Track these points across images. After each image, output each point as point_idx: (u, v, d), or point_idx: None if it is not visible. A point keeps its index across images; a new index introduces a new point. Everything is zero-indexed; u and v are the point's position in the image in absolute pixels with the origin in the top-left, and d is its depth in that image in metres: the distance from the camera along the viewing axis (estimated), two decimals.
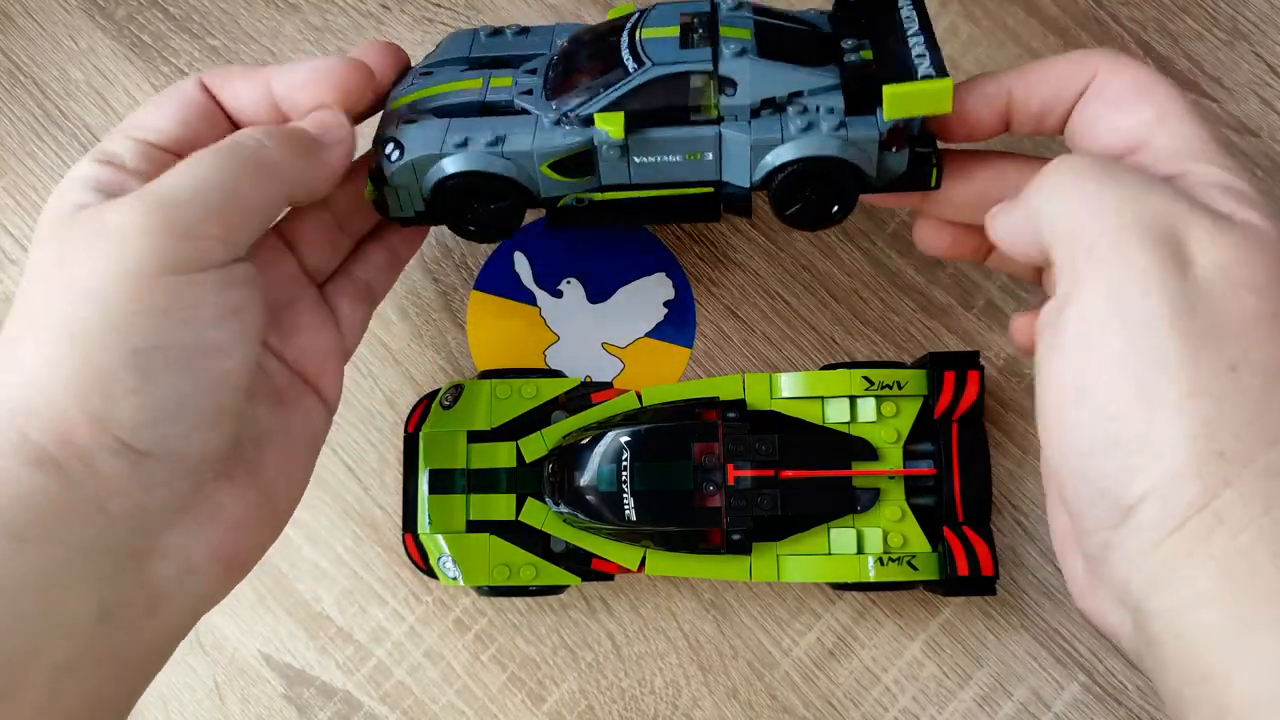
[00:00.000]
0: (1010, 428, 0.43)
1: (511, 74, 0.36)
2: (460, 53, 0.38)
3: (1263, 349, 0.26)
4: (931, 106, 0.31)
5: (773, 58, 0.33)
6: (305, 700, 0.42)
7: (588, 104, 0.33)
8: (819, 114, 0.32)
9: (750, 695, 0.42)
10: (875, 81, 0.31)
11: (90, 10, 0.47)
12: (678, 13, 0.35)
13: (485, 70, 0.36)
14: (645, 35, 0.34)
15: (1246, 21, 0.45)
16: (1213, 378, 0.26)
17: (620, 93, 0.33)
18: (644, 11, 0.35)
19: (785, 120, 0.33)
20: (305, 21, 0.47)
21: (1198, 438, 0.25)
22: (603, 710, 0.42)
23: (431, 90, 0.36)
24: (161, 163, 0.32)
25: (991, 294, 0.44)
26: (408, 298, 0.45)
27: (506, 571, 0.39)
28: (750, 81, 0.32)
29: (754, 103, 0.33)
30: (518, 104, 0.34)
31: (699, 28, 0.33)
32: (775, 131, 0.33)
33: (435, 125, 0.34)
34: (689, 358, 0.44)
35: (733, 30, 0.33)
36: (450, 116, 0.34)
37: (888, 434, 0.39)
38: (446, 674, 0.42)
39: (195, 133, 0.33)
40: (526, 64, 0.36)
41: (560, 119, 0.33)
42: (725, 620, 0.42)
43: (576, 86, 0.34)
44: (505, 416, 0.41)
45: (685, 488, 0.38)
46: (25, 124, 0.47)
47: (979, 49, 0.46)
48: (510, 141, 0.33)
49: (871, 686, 0.42)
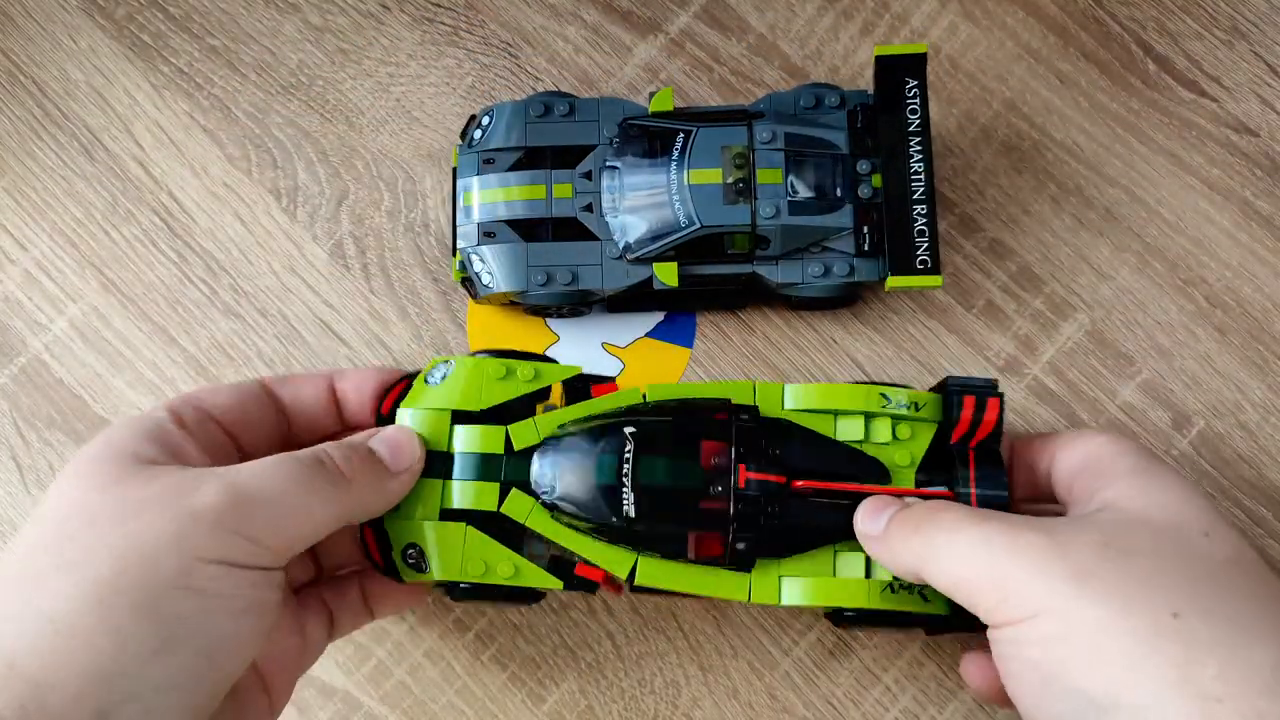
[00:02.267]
0: (1009, 426, 0.43)
1: (570, 179, 0.42)
2: (514, 133, 0.42)
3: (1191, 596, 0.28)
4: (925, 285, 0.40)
5: (799, 213, 0.40)
6: (305, 700, 0.42)
7: (646, 248, 0.41)
8: (834, 256, 0.41)
9: (750, 695, 0.42)
10: (881, 229, 0.40)
11: (90, 10, 0.47)
12: (719, 146, 0.40)
13: (545, 171, 0.42)
14: (693, 180, 0.40)
15: (1246, 21, 0.45)
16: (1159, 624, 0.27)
17: (673, 243, 0.41)
18: (687, 135, 0.41)
19: (806, 265, 0.41)
20: (305, 21, 0.47)
21: (1181, 684, 0.27)
22: (603, 710, 0.42)
23: (501, 194, 0.41)
24: (214, 436, 0.34)
25: (991, 294, 0.44)
26: (408, 298, 0.45)
27: (482, 567, 0.36)
28: (781, 240, 0.40)
29: (782, 252, 0.41)
30: (580, 219, 0.41)
31: (739, 182, 0.40)
32: (797, 277, 0.41)
33: (516, 251, 0.41)
34: (689, 358, 0.44)
35: (767, 174, 0.40)
36: (522, 232, 0.41)
37: (901, 457, 0.37)
38: (446, 674, 0.42)
39: (249, 414, 0.36)
40: (581, 165, 0.42)
41: (622, 254, 0.41)
42: (725, 620, 0.42)
43: (633, 214, 0.41)
44: (497, 399, 0.37)
45: (691, 486, 0.35)
46: (25, 124, 0.47)
47: (979, 49, 0.46)
48: (583, 279, 0.41)
49: (871, 686, 0.42)
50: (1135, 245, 0.44)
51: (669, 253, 0.41)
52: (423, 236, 0.45)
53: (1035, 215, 0.45)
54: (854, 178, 0.41)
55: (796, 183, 0.40)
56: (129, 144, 0.46)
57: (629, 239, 0.41)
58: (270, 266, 0.45)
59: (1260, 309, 0.44)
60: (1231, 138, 0.45)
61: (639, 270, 0.41)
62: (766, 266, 0.41)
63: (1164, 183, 0.45)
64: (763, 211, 0.40)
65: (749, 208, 0.40)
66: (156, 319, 0.45)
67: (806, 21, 0.46)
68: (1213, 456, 0.43)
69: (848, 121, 0.41)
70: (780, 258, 0.41)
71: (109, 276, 0.45)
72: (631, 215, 0.41)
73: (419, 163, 0.46)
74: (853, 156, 0.41)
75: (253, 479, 0.30)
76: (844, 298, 0.42)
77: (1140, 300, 0.44)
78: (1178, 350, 0.44)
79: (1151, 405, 0.43)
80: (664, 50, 0.46)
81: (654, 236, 0.41)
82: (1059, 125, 0.45)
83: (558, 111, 0.42)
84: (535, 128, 0.42)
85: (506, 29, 0.47)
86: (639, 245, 0.41)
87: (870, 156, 0.41)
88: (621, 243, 0.41)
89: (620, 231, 0.41)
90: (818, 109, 0.42)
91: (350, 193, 0.46)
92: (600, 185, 0.42)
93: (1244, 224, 0.44)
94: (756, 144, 0.41)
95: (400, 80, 0.47)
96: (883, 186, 0.40)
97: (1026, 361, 0.43)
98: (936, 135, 0.45)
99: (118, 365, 0.45)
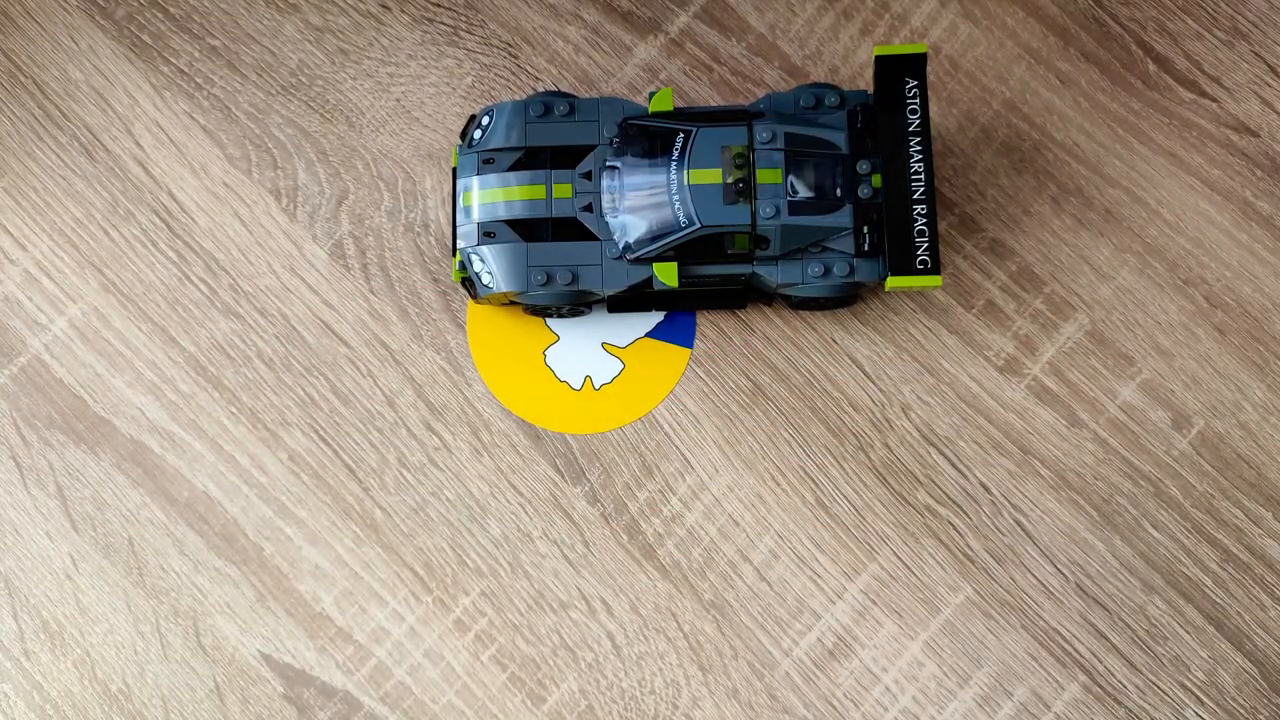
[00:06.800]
0: (1009, 426, 0.43)
1: (570, 179, 0.42)
2: (514, 133, 0.42)
3: None
4: (925, 285, 0.40)
5: (799, 213, 0.40)
6: (305, 700, 0.42)
7: (645, 248, 0.40)
8: (834, 256, 0.41)
9: (750, 695, 0.42)
10: (881, 229, 0.40)
11: (90, 10, 0.47)
12: (719, 146, 0.41)
13: (545, 171, 0.42)
14: (693, 180, 0.40)
15: (1246, 21, 0.45)
16: None
17: (673, 243, 0.40)
18: (687, 135, 0.41)
19: (806, 265, 0.41)
20: (305, 21, 0.47)
21: None
22: (603, 710, 0.42)
23: (501, 194, 0.42)
24: None
25: (991, 294, 0.44)
26: (408, 298, 0.45)
27: None
28: (780, 240, 0.40)
29: (782, 252, 0.40)
30: (580, 219, 0.41)
31: (739, 182, 0.40)
32: (797, 277, 0.41)
33: (516, 251, 0.41)
34: (689, 358, 0.44)
35: (767, 174, 0.40)
36: (523, 233, 0.41)
37: None
38: (446, 674, 0.42)
39: None
40: (581, 164, 0.42)
41: (622, 254, 0.41)
42: (725, 620, 0.42)
43: (633, 214, 0.41)
44: None
45: None
46: (25, 124, 0.47)
47: (979, 49, 0.46)
48: (583, 280, 0.41)
49: (871, 686, 0.42)
50: (1135, 245, 0.44)
51: (669, 253, 0.41)
52: (423, 236, 0.45)
53: (1035, 215, 0.45)
54: (854, 178, 0.41)
55: (796, 183, 0.40)
56: (129, 144, 0.46)
57: (629, 239, 0.41)
58: (270, 266, 0.45)
59: (1260, 309, 0.44)
60: (1231, 138, 0.45)
61: (639, 270, 0.41)
62: (766, 266, 0.41)
63: (1164, 183, 0.45)
64: (763, 212, 0.40)
65: (749, 208, 0.40)
66: (156, 319, 0.45)
67: (806, 21, 0.46)
68: (1213, 456, 0.43)
69: (848, 121, 0.41)
70: (780, 258, 0.41)
71: (109, 276, 0.45)
72: (631, 215, 0.41)
73: (419, 163, 0.46)
74: (853, 156, 0.41)
75: None
76: (844, 298, 0.42)
77: (1140, 300, 0.44)
78: (1178, 350, 0.44)
79: (1151, 405, 0.43)
80: (664, 50, 0.46)
81: (654, 237, 0.41)
82: (1059, 125, 0.45)
83: (558, 111, 0.42)
84: (535, 128, 0.42)
85: (506, 29, 0.47)
86: (639, 245, 0.41)
87: (870, 156, 0.41)
88: (621, 243, 0.41)
89: (620, 231, 0.41)
90: (818, 109, 0.42)
91: (350, 193, 0.46)
92: (600, 185, 0.42)
93: (1244, 224, 0.44)
94: (756, 144, 0.41)
95: (400, 80, 0.47)
96: (883, 186, 0.40)
97: (1026, 361, 0.43)
98: (936, 135, 0.45)
99: (118, 365, 0.45)
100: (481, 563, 0.43)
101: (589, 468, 0.43)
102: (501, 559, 0.43)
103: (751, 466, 0.43)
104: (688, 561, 0.43)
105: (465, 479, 0.43)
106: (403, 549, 0.43)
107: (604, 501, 0.43)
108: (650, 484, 0.43)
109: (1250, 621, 0.42)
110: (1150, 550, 0.42)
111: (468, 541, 0.43)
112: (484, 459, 0.43)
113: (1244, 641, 0.41)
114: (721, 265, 0.41)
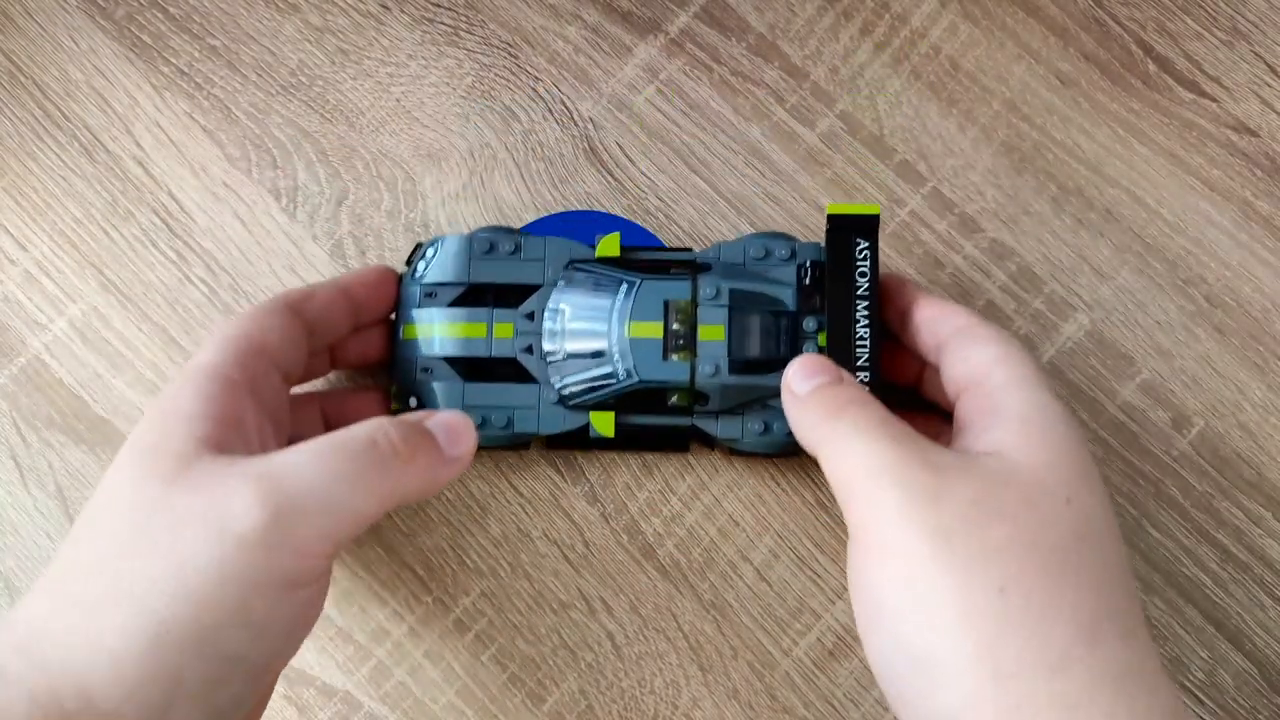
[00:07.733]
0: None
1: (512, 319, 0.41)
2: (458, 267, 0.42)
3: (1023, 572, 0.29)
4: None
5: (740, 372, 0.40)
6: (305, 700, 0.42)
7: (583, 396, 0.40)
8: (776, 413, 0.40)
9: (750, 695, 0.42)
10: None
11: (90, 10, 0.48)
12: (662, 300, 0.40)
13: (487, 310, 0.41)
14: (633, 334, 0.40)
15: (1246, 21, 0.45)
16: (985, 600, 0.28)
17: (610, 395, 0.40)
18: (632, 285, 0.40)
19: (746, 421, 0.40)
20: (305, 21, 0.47)
21: (982, 659, 0.28)
22: (603, 710, 0.42)
23: (441, 329, 0.41)
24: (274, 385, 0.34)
25: (991, 294, 0.44)
26: None
27: None
28: (720, 397, 0.40)
29: (721, 409, 0.40)
30: (520, 360, 0.41)
31: (679, 337, 0.40)
32: (737, 433, 0.41)
33: (452, 388, 0.41)
34: None
35: (709, 330, 0.40)
36: (460, 372, 0.41)
37: None
38: (446, 674, 0.42)
39: (291, 344, 0.36)
40: (525, 304, 0.41)
41: (560, 400, 0.40)
42: (725, 620, 0.42)
43: (572, 361, 0.40)
44: None
45: None
46: (25, 124, 0.47)
47: (979, 49, 0.46)
48: (519, 423, 0.41)
49: (872, 686, 0.42)
50: (1136, 245, 0.44)
51: (608, 402, 0.40)
52: (422, 237, 0.45)
53: (1035, 215, 0.45)
54: (799, 336, 0.40)
55: (739, 340, 0.40)
56: (129, 144, 0.46)
57: (567, 385, 0.40)
58: (270, 266, 0.45)
59: (1260, 309, 0.44)
60: (1232, 138, 0.45)
61: (576, 416, 0.41)
62: (706, 420, 0.41)
63: (1164, 183, 0.45)
64: (702, 369, 0.40)
65: (689, 364, 0.40)
66: (156, 319, 0.45)
67: (806, 21, 0.46)
68: (1213, 456, 0.43)
69: (796, 276, 0.41)
70: (721, 412, 0.40)
71: (109, 276, 0.45)
72: (571, 361, 0.40)
73: (419, 163, 0.46)
74: (799, 313, 0.40)
75: (297, 480, 0.29)
76: (785, 454, 0.41)
77: (1140, 300, 0.44)
78: (1178, 350, 0.44)
79: (1151, 405, 0.43)
80: (664, 50, 0.46)
81: (591, 387, 0.40)
82: (1059, 126, 0.45)
83: (503, 249, 0.42)
84: (479, 264, 0.41)
85: (506, 29, 0.47)
86: (576, 393, 0.40)
87: (817, 314, 0.40)
88: (560, 388, 0.41)
89: (559, 376, 0.41)
90: (767, 259, 0.41)
91: (350, 193, 0.46)
92: (542, 327, 0.41)
93: (1244, 224, 0.44)
94: (700, 299, 0.40)
95: (400, 80, 0.47)
96: (827, 348, 0.38)
97: None
98: (938, 136, 0.45)
99: (118, 365, 0.45)
100: (481, 563, 0.43)
101: (589, 468, 0.43)
102: (501, 559, 0.43)
103: (751, 466, 0.43)
104: (688, 561, 0.43)
105: (465, 479, 0.43)
106: (403, 549, 0.43)
107: (604, 501, 0.43)
108: (650, 484, 0.43)
109: (1250, 621, 0.42)
110: (1150, 550, 0.42)
111: (468, 541, 0.43)
112: (484, 458, 0.43)
113: (1244, 641, 0.41)
114: (661, 416, 0.41)
